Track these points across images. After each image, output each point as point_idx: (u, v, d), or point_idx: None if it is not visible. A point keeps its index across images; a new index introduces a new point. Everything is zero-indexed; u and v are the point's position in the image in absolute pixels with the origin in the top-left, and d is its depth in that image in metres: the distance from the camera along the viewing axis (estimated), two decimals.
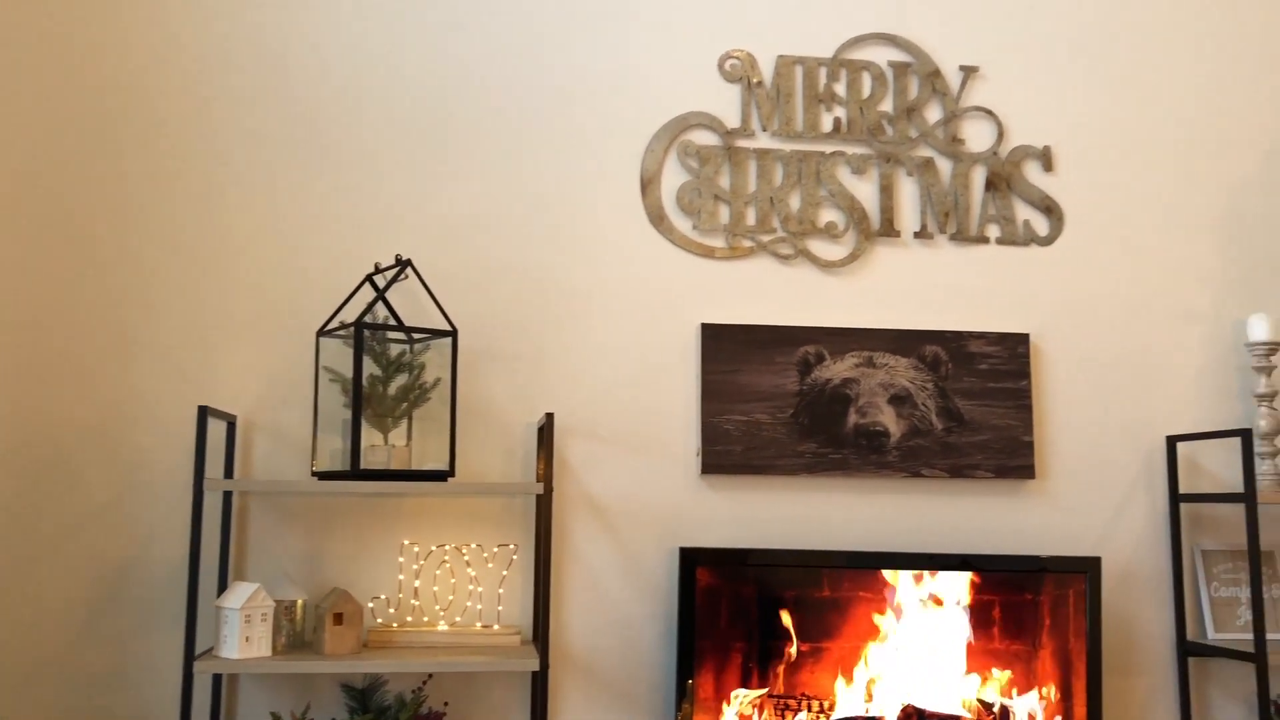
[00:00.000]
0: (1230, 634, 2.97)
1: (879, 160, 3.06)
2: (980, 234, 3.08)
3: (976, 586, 2.87)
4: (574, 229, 2.95)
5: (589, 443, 2.89)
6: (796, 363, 2.96)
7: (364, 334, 2.62)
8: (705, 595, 2.77)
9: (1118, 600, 2.99)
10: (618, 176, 2.99)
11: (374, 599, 2.72)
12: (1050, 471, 3.02)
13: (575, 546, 2.85)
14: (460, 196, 2.92)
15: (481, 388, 2.85)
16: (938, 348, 3.00)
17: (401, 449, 2.68)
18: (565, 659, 2.81)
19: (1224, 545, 3.05)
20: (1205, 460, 3.08)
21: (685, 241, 2.98)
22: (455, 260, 2.89)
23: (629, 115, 3.01)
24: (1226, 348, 3.13)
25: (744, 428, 2.91)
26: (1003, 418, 2.99)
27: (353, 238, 2.87)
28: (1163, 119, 3.22)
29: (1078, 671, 2.81)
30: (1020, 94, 3.15)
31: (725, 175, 3.01)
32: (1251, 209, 3.22)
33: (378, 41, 2.94)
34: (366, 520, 2.78)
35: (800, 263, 3.03)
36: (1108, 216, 3.15)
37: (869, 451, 2.94)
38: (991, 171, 3.10)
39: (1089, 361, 3.08)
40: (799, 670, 2.82)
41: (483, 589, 2.76)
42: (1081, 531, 3.01)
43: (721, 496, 2.92)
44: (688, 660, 2.70)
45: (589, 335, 2.92)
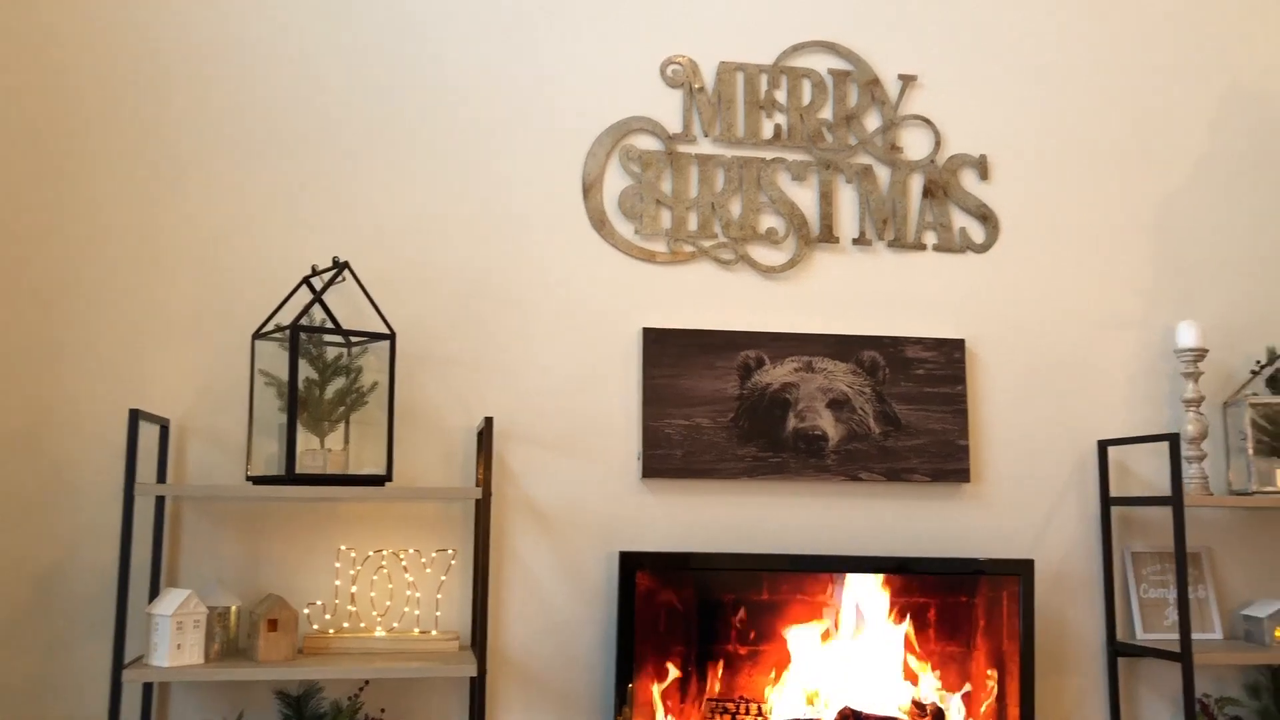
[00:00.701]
0: (1158, 634, 3.04)
1: (819, 167, 3.09)
2: (918, 241, 3.12)
3: (913, 589, 2.90)
4: (515, 232, 2.94)
5: (529, 447, 2.88)
6: (737, 367, 2.98)
7: (300, 337, 2.59)
8: (645, 599, 2.77)
9: (1050, 601, 3.04)
10: (559, 180, 2.98)
11: (310, 605, 2.69)
12: (985, 475, 3.07)
13: (515, 551, 2.84)
14: (399, 199, 2.90)
15: (420, 392, 2.83)
16: (875, 353, 3.03)
17: (338, 453, 2.65)
18: (504, 664, 2.80)
19: (1153, 547, 3.11)
20: (1135, 464, 3.15)
21: (627, 246, 2.99)
22: (394, 263, 2.87)
23: (571, 119, 3.00)
24: (1156, 354, 3.20)
25: (685, 432, 2.92)
26: (939, 422, 3.03)
27: (290, 239, 2.83)
28: (1096, 129, 3.28)
29: (1011, 671, 2.86)
30: (957, 103, 3.20)
31: (667, 180, 3.02)
32: (1181, 218, 3.29)
33: (318, 42, 2.91)
34: (302, 525, 2.75)
35: (741, 268, 3.04)
36: (1042, 224, 3.21)
37: (808, 455, 2.96)
38: (929, 179, 3.14)
39: (1023, 367, 3.14)
40: (738, 673, 2.84)
41: (421, 594, 2.74)
42: (1015, 534, 3.06)
43: (662, 501, 2.93)
44: (627, 664, 2.70)
45: (530, 339, 2.91)
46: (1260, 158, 3.37)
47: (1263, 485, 3.01)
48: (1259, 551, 3.19)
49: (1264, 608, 3.00)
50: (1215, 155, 3.34)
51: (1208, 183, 3.32)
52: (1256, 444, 3.06)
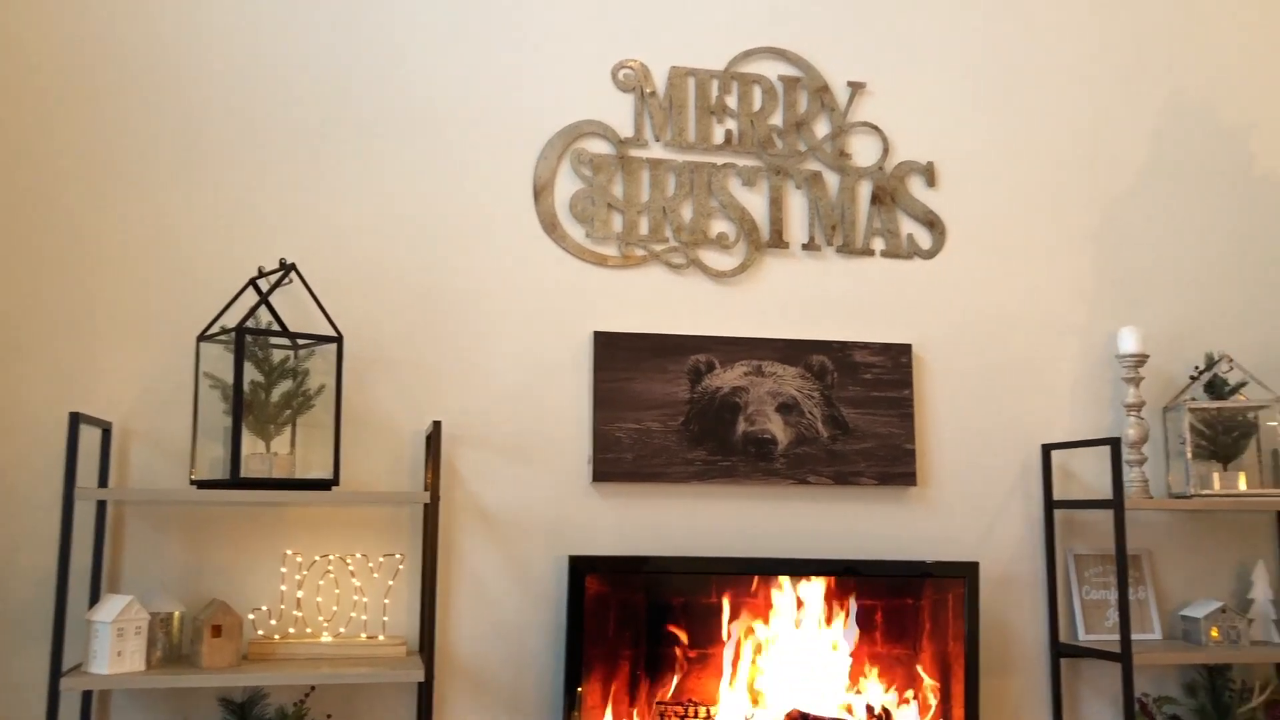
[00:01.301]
0: (1099, 635, 3.09)
1: (769, 173, 3.11)
2: (866, 247, 3.15)
3: (860, 591, 2.93)
4: (465, 235, 2.93)
5: (479, 451, 2.87)
6: (687, 371, 2.99)
7: (246, 339, 2.56)
8: (594, 603, 2.77)
9: (995, 603, 3.08)
10: (510, 183, 2.98)
11: (255, 610, 2.66)
12: (931, 479, 3.10)
13: (464, 556, 2.83)
14: (348, 200, 2.88)
15: (368, 395, 2.81)
16: (824, 357, 3.06)
17: (284, 457, 2.63)
18: (452, 669, 2.78)
19: (1094, 550, 3.17)
20: (1078, 468, 3.20)
21: (578, 249, 2.99)
22: (342, 265, 2.84)
23: (522, 122, 3.00)
24: (1099, 359, 3.26)
25: (635, 436, 2.92)
26: (886, 426, 3.06)
27: (236, 240, 2.80)
28: (1041, 137, 3.33)
29: (956, 673, 2.89)
30: (905, 111, 3.23)
31: (618, 184, 3.02)
32: (1124, 225, 3.35)
33: (267, 43, 2.88)
34: (248, 530, 2.71)
35: (692, 272, 3.06)
36: (988, 231, 3.25)
37: (757, 459, 2.98)
38: (877, 186, 3.18)
39: (969, 372, 3.18)
40: (687, 676, 2.84)
41: (368, 599, 2.72)
42: (960, 537, 3.10)
43: (612, 504, 2.93)
44: (576, 668, 2.70)
45: (480, 342, 2.90)
46: (1200, 167, 3.44)
47: (1201, 489, 3.08)
48: (1197, 553, 3.26)
49: (1201, 608, 3.06)
50: (1157, 164, 3.41)
51: (1149, 191, 3.39)
52: (1195, 448, 3.12)
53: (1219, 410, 3.13)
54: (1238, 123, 3.49)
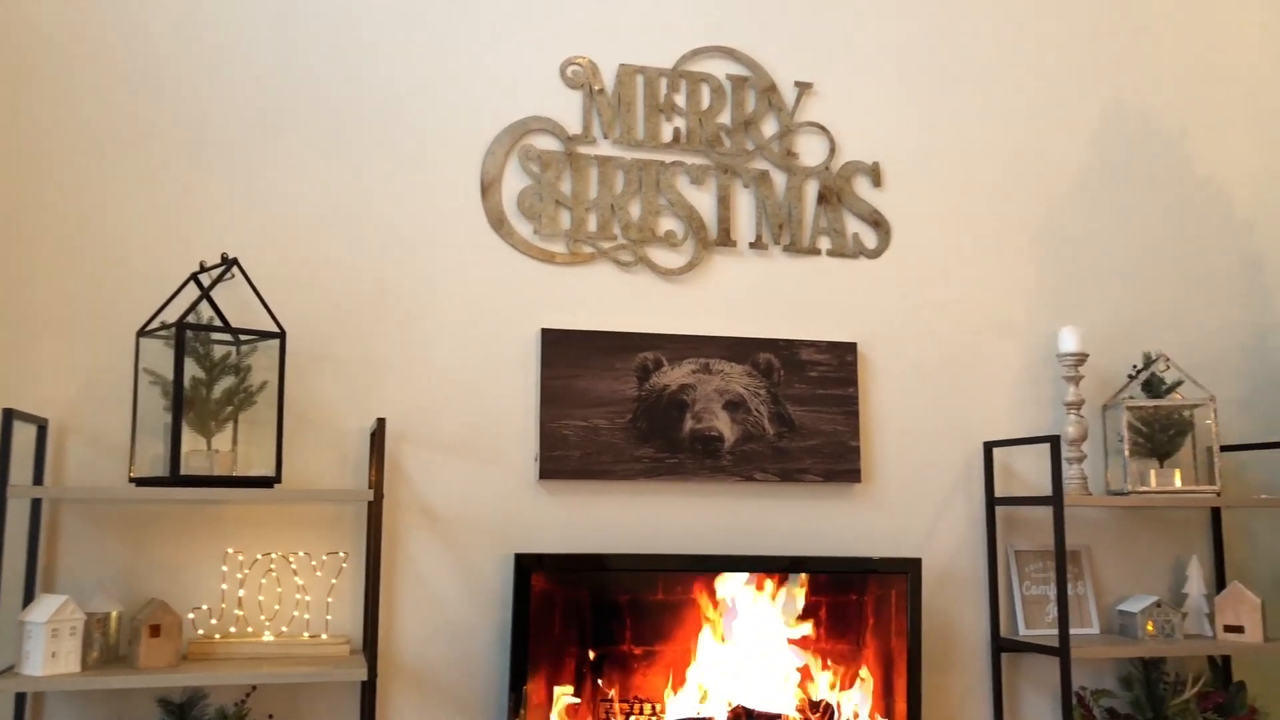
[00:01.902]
0: (1039, 630, 3.14)
1: (717, 171, 3.12)
2: (812, 246, 3.18)
3: (805, 588, 2.95)
4: (411, 230, 2.91)
5: (424, 448, 2.85)
6: (635, 369, 2.99)
7: (186, 334, 2.52)
8: (540, 601, 2.76)
9: (937, 599, 3.12)
10: (457, 179, 2.96)
11: (195, 610, 2.62)
12: (875, 476, 3.14)
13: (409, 554, 2.81)
14: (292, 194, 2.84)
15: (312, 392, 2.78)
16: (771, 355, 3.08)
17: (226, 454, 2.59)
18: (396, 668, 2.76)
19: (1035, 546, 3.22)
20: (1019, 465, 3.25)
21: (526, 246, 2.98)
22: (285, 260, 2.81)
23: (470, 117, 2.98)
24: (1040, 358, 3.31)
25: (582, 433, 2.92)
26: (831, 423, 3.08)
27: (177, 234, 2.76)
28: (983, 140, 3.38)
29: (899, 668, 2.92)
30: (851, 111, 3.26)
31: (566, 181, 3.02)
32: (1065, 226, 3.41)
33: (210, 34, 2.84)
34: (188, 528, 2.67)
35: (640, 270, 3.06)
36: (932, 231, 3.29)
37: (704, 456, 2.99)
38: (823, 185, 3.20)
39: (913, 370, 3.21)
40: (633, 673, 2.85)
41: (311, 598, 2.69)
42: (904, 533, 3.13)
43: (559, 502, 2.93)
44: (521, 666, 2.69)
45: (426, 339, 2.89)
46: (1138, 170, 3.50)
47: (1138, 486, 3.13)
48: (1134, 549, 3.32)
49: (1138, 603, 3.12)
50: (1096, 167, 3.47)
51: (1089, 193, 3.45)
52: (1133, 446, 3.18)
53: (1156, 408, 3.19)
54: (1175, 126, 3.56)
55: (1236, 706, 3.07)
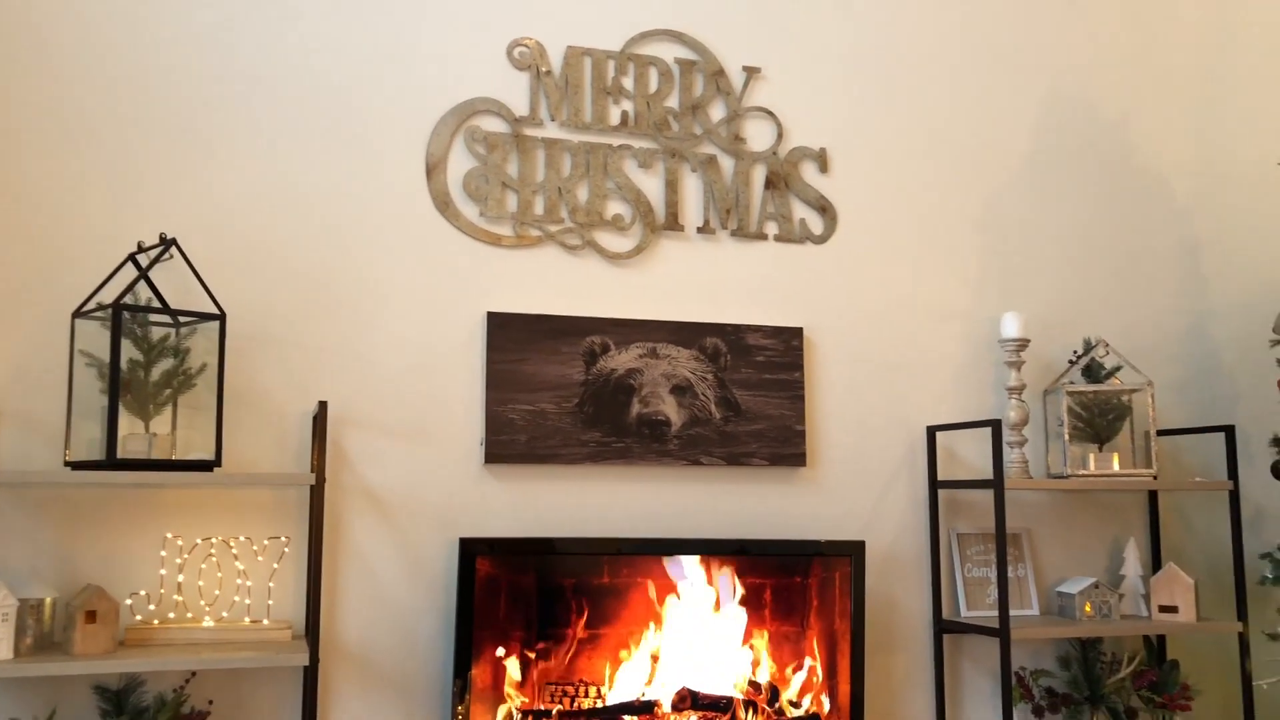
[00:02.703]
0: (980, 611, 3.19)
1: (665, 155, 3.12)
2: (759, 231, 3.19)
3: (750, 570, 2.96)
4: (355, 211, 2.88)
5: (368, 432, 2.82)
6: (582, 353, 2.98)
7: (123, 315, 2.48)
8: (485, 585, 2.75)
9: (881, 582, 3.15)
10: (402, 160, 2.93)
11: (132, 595, 2.58)
12: (820, 459, 3.16)
13: (352, 538, 2.78)
14: (233, 174, 2.80)
15: (253, 375, 2.74)
16: (718, 340, 3.09)
17: (164, 437, 2.55)
18: (340, 654, 2.74)
19: (976, 529, 3.26)
20: (961, 449, 3.29)
21: (472, 229, 2.96)
22: (226, 241, 2.77)
23: (415, 98, 2.95)
24: (982, 344, 3.35)
25: (529, 417, 2.91)
26: (777, 408, 3.10)
27: (114, 214, 2.70)
28: (929, 126, 3.40)
29: (842, 649, 2.95)
30: (799, 97, 3.27)
31: (513, 163, 3.00)
32: (1008, 213, 3.45)
33: (150, 12, 2.77)
34: (126, 513, 2.63)
35: (587, 254, 3.05)
36: (877, 217, 3.31)
37: (651, 440, 2.99)
38: (771, 171, 3.21)
39: (857, 355, 3.24)
40: (578, 656, 2.85)
41: (252, 583, 2.66)
42: (848, 516, 3.16)
43: (505, 486, 2.92)
44: (466, 651, 2.69)
45: (369, 322, 2.86)
46: (1080, 158, 3.55)
47: (1077, 469, 3.18)
48: (1074, 531, 3.38)
49: (1076, 584, 3.17)
50: (1038, 155, 3.51)
51: (1030, 181, 3.49)
52: (1073, 430, 3.23)
53: (1095, 393, 3.24)
54: (1115, 115, 3.61)
55: (1170, 684, 3.14)
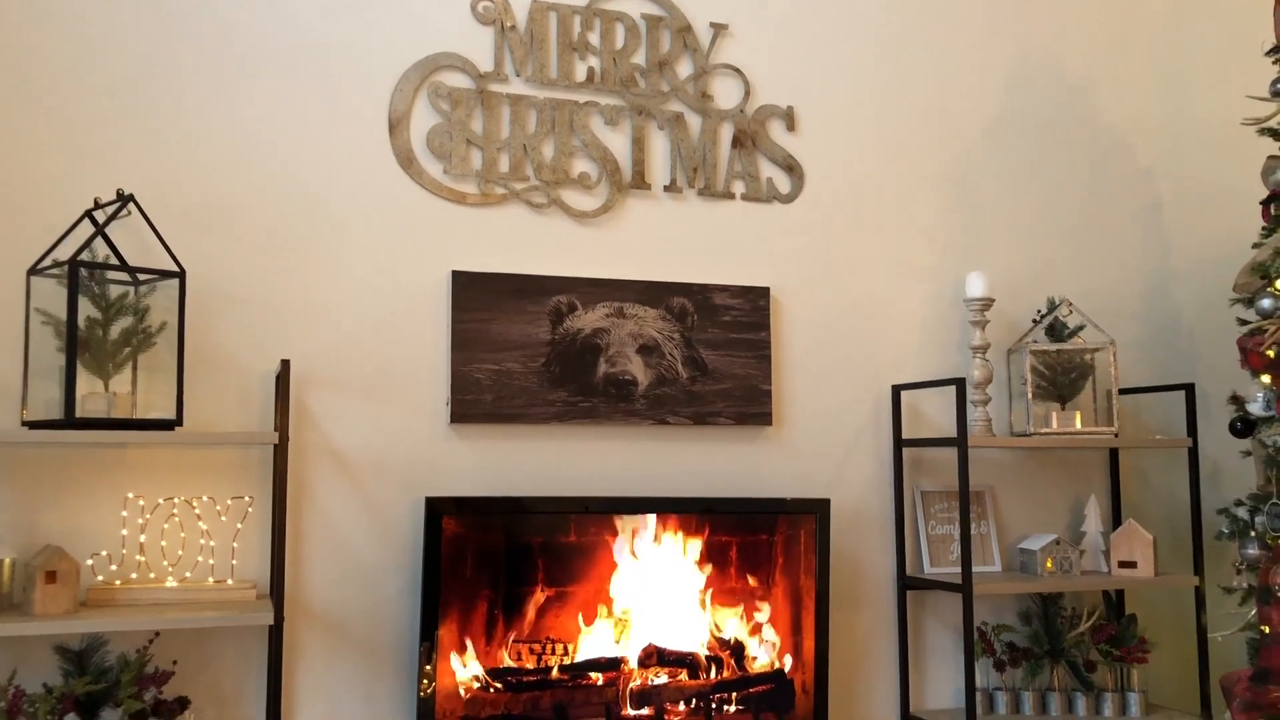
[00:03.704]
0: (943, 568, 3.22)
1: (631, 112, 3.09)
2: (727, 190, 3.17)
3: (717, 528, 2.98)
4: (316, 167, 2.83)
5: (332, 392, 2.80)
6: (548, 312, 2.97)
7: (80, 273, 2.43)
8: (452, 545, 2.75)
9: (846, 539, 3.18)
10: (364, 116, 2.88)
11: (94, 555, 2.55)
12: (786, 418, 3.17)
13: (317, 498, 2.77)
14: (192, 130, 2.75)
15: (215, 333, 2.71)
16: (684, 299, 3.08)
17: (124, 396, 2.52)
18: (305, 614, 2.73)
19: (940, 486, 3.29)
20: (926, 408, 3.31)
21: (436, 186, 2.92)
22: (185, 197, 2.72)
23: (378, 53, 2.90)
24: (947, 303, 3.36)
25: (495, 377, 2.90)
26: (744, 367, 3.10)
27: (70, 169, 2.64)
28: (897, 86, 3.40)
29: (807, 605, 2.98)
30: (766, 54, 3.25)
31: (478, 119, 2.96)
32: (973, 174, 3.45)
33: None
34: (86, 473, 2.60)
35: (553, 212, 3.03)
36: (844, 177, 3.31)
37: (618, 400, 2.99)
38: (738, 129, 3.19)
39: (824, 314, 3.24)
40: (545, 615, 2.85)
41: (215, 543, 2.64)
42: (813, 475, 3.18)
43: (471, 446, 2.91)
44: (433, 610, 2.68)
45: (333, 280, 2.82)
46: (1046, 119, 3.56)
47: (1039, 427, 3.21)
48: (1035, 489, 3.42)
49: (1037, 541, 3.21)
50: (1005, 115, 3.51)
51: (998, 141, 3.50)
52: (1035, 388, 3.26)
53: (1058, 352, 3.27)
54: (1080, 77, 3.62)
55: (1127, 638, 3.19)
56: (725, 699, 2.92)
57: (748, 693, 2.94)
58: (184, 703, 2.53)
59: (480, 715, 2.74)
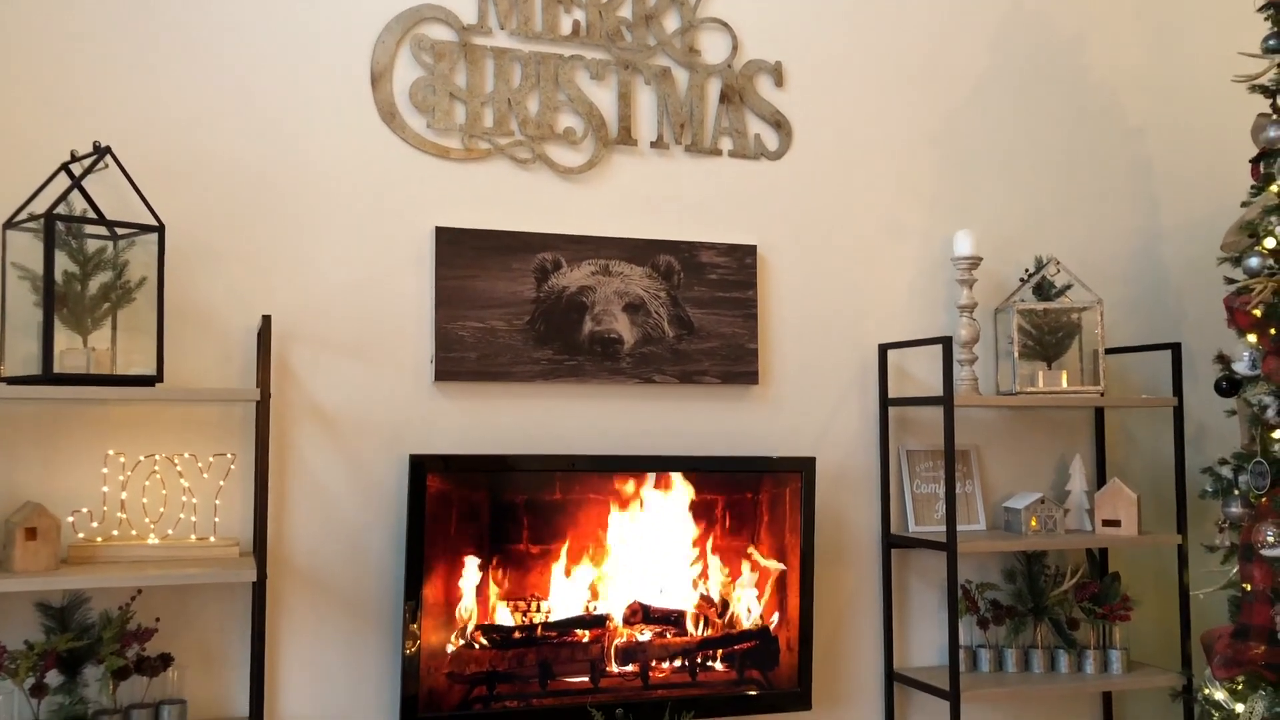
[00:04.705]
0: (928, 526, 3.23)
1: (618, 67, 3.05)
2: (714, 146, 3.14)
3: (702, 487, 2.97)
4: (297, 120, 2.79)
5: (315, 348, 2.78)
6: (534, 270, 2.94)
7: (57, 226, 2.39)
8: (436, 502, 2.74)
9: (831, 498, 3.18)
10: (346, 68, 2.84)
11: (74, 513, 2.53)
12: (772, 377, 3.16)
13: (300, 455, 2.75)
14: (170, 81, 2.70)
15: (195, 289, 2.68)
16: (671, 257, 3.05)
17: (104, 352, 2.49)
18: (289, 571, 2.72)
19: (926, 446, 3.29)
20: (912, 367, 3.30)
21: (419, 141, 2.88)
22: (164, 150, 2.68)
23: (359, 4, 2.85)
24: (935, 262, 3.34)
25: (479, 335, 2.88)
26: (730, 326, 3.08)
27: (46, 122, 2.60)
28: (886, 42, 3.36)
29: (792, 564, 2.98)
30: (754, 8, 3.20)
31: (461, 73, 2.92)
32: (963, 131, 3.42)
33: None
34: (65, 430, 2.57)
35: (538, 168, 2.99)
36: (832, 134, 3.27)
37: (603, 358, 2.97)
38: (726, 84, 3.15)
39: (811, 273, 3.22)
40: (531, 572, 2.85)
41: (198, 500, 2.62)
42: (799, 434, 3.17)
43: (455, 404, 2.89)
44: (417, 568, 2.68)
45: (315, 235, 2.79)
46: (1035, 77, 3.53)
47: (1025, 386, 3.21)
48: (1021, 448, 3.42)
49: (1022, 500, 3.22)
50: (995, 73, 3.48)
51: (987, 99, 3.46)
52: (1022, 348, 3.25)
53: (1045, 311, 3.26)
54: (1071, 33, 3.58)
55: (1110, 596, 3.21)
56: (710, 656, 2.93)
57: (732, 650, 2.95)
58: (167, 659, 2.53)
59: (465, 671, 2.74)
